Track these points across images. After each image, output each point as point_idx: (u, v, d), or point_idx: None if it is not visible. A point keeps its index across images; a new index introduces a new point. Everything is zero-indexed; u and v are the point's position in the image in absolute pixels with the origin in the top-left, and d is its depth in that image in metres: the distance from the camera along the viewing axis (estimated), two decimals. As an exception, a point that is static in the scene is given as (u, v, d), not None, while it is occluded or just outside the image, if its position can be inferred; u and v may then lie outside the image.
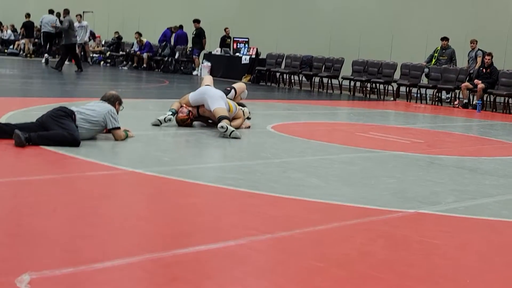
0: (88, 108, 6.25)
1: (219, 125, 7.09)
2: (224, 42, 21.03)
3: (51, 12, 21.33)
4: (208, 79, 8.27)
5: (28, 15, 25.98)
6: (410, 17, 17.99)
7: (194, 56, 21.19)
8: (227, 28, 21.09)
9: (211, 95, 7.55)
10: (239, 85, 8.72)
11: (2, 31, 28.75)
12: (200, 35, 20.86)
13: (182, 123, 7.67)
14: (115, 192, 4.46)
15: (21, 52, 26.97)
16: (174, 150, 6.57)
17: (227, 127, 7.05)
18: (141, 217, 3.80)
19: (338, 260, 3.18)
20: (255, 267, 3.02)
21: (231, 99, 8.00)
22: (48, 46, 21.12)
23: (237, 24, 21.82)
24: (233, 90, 8.39)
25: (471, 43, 15.69)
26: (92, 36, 23.82)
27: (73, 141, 5.73)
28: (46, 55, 20.96)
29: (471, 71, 15.41)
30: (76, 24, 20.34)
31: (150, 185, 4.74)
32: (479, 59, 15.25)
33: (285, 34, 20.69)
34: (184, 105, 7.71)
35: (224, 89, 8.23)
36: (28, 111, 8.03)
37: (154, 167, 5.20)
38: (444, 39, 16.12)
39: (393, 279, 2.97)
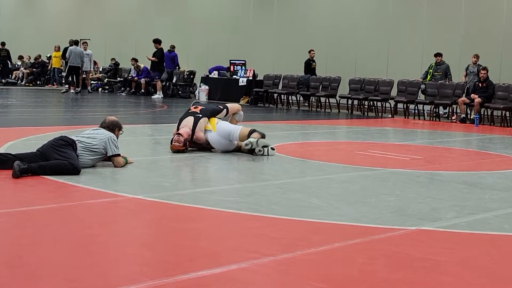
0: (89, 136, 6.26)
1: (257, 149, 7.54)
2: (310, 66, 19.08)
3: (75, 43, 21.31)
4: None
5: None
6: (405, 34, 18.11)
7: (155, 80, 21.03)
8: (311, 50, 19.08)
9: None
10: (233, 105, 8.57)
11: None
12: (159, 56, 20.74)
13: (177, 152, 7.59)
14: (115, 219, 4.46)
15: (19, 81, 27.07)
16: (174, 175, 6.58)
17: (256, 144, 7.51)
18: (143, 244, 3.80)
19: (341, 281, 3.18)
20: (258, 291, 3.01)
21: (220, 118, 8.00)
22: (71, 78, 21.09)
23: (234, 47, 21.95)
24: (225, 110, 8.21)
25: (473, 57, 15.74)
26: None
27: (73, 170, 5.74)
28: (67, 86, 21.06)
29: (468, 86, 15.47)
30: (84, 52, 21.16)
31: (151, 211, 4.74)
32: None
33: (281, 55, 20.80)
34: (182, 133, 7.60)
35: (216, 105, 8.22)
36: (27, 140, 8.04)
37: (154, 192, 5.20)
38: (438, 54, 16.21)
39: (396, 298, 2.97)
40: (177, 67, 21.71)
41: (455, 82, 15.83)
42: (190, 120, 7.67)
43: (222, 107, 8.23)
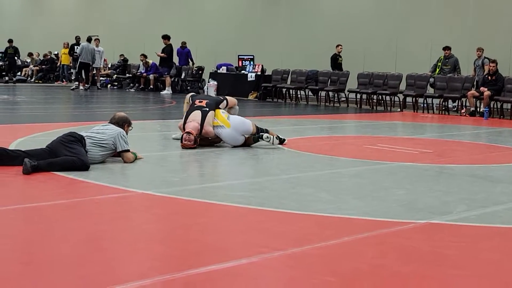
0: (98, 132, 6.28)
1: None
2: (336, 61, 18.47)
3: (88, 40, 21.31)
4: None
5: None
6: (413, 28, 18.03)
7: (164, 75, 21.02)
8: (339, 45, 18.45)
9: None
10: (231, 98, 8.66)
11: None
12: (168, 52, 20.67)
13: (187, 148, 7.57)
14: (125, 214, 4.47)
15: (29, 78, 27.19)
16: (183, 170, 6.59)
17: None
18: (152, 239, 3.81)
19: (351, 275, 3.18)
20: (268, 285, 3.02)
21: (221, 109, 8.04)
22: (81, 75, 21.11)
23: (242, 42, 21.92)
24: (225, 101, 8.28)
25: (477, 51, 15.69)
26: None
27: (82, 166, 5.76)
28: (77, 83, 21.10)
29: (477, 79, 15.41)
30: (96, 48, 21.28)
31: (160, 206, 4.75)
32: (486, 67, 15.23)
33: (289, 50, 20.76)
34: (191, 131, 7.58)
35: (216, 97, 8.28)
36: (37, 137, 8.08)
37: (163, 188, 5.22)
38: (446, 48, 16.13)
39: (406, 292, 2.96)
40: (192, 63, 21.69)
41: (464, 75, 15.76)
42: (197, 114, 7.68)
43: (222, 98, 8.37)
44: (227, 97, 8.51)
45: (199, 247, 3.61)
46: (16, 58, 25.75)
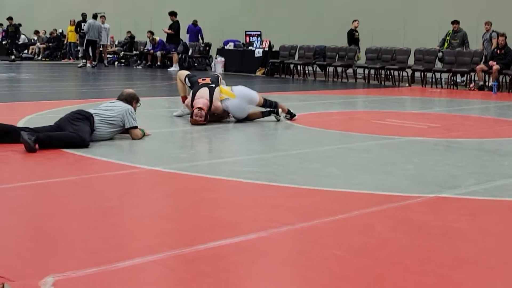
0: (107, 109, 6.28)
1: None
2: (353, 36, 18.04)
3: (94, 17, 21.22)
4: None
5: None
6: (421, 1, 17.86)
7: (172, 52, 20.93)
8: (355, 20, 18.05)
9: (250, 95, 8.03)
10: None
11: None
12: (175, 29, 20.51)
13: (197, 124, 7.57)
14: (134, 190, 4.49)
15: (36, 56, 27.18)
16: (191, 147, 6.60)
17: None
18: (161, 215, 3.82)
19: (360, 249, 3.18)
20: (277, 259, 3.03)
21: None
22: (89, 52, 21.06)
23: (249, 18, 21.79)
24: (220, 76, 8.41)
25: (485, 25, 15.55)
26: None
27: (81, 143, 5.71)
28: (84, 61, 21.07)
29: (486, 53, 15.29)
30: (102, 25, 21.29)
31: (169, 182, 4.76)
32: (494, 41, 15.10)
33: (297, 25, 20.63)
34: (202, 106, 7.56)
35: (215, 76, 8.25)
36: (45, 114, 8.09)
37: (171, 164, 5.22)
38: (455, 22, 15.99)
39: (415, 265, 2.97)
40: (202, 41, 21.62)
41: (473, 49, 15.63)
42: (205, 91, 7.67)
43: (216, 74, 8.64)
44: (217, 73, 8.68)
45: (208, 223, 3.62)
46: (17, 36, 25.72)
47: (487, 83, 14.86)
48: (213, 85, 7.76)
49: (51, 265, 2.82)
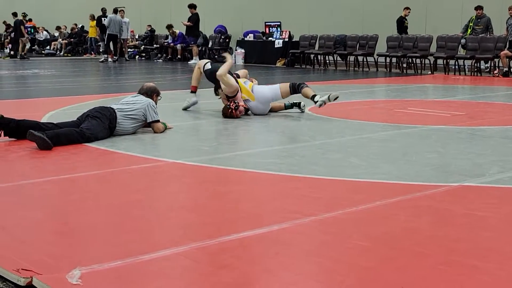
0: (128, 103, 6.32)
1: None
2: (402, 24, 17.53)
3: (115, 11, 21.31)
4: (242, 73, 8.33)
5: None
6: (443, -12, 17.67)
7: (191, 45, 20.90)
8: (407, 8, 17.44)
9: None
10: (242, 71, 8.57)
11: (38, 33, 29.18)
12: (195, 21, 20.45)
13: (230, 116, 7.52)
14: (157, 184, 4.51)
15: (58, 52, 27.39)
16: (213, 139, 6.61)
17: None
18: (185, 207, 3.84)
19: (384, 239, 3.17)
20: (301, 250, 3.03)
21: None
22: (110, 47, 21.16)
23: (268, 8, 21.73)
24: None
25: (509, 10, 15.34)
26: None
27: (81, 139, 5.74)
28: (105, 55, 21.19)
29: (510, 39, 15.09)
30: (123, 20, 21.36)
31: (192, 175, 4.78)
32: (518, 26, 14.92)
33: (316, 15, 20.53)
34: (242, 102, 7.57)
35: (235, 74, 8.12)
36: (68, 109, 8.16)
37: (194, 157, 5.24)
38: (479, 8, 15.79)
39: (440, 255, 2.95)
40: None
41: (497, 35, 15.44)
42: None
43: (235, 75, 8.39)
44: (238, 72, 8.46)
45: (231, 214, 3.63)
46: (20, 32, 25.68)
47: (511, 69, 14.67)
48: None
49: (77, 258, 2.85)
